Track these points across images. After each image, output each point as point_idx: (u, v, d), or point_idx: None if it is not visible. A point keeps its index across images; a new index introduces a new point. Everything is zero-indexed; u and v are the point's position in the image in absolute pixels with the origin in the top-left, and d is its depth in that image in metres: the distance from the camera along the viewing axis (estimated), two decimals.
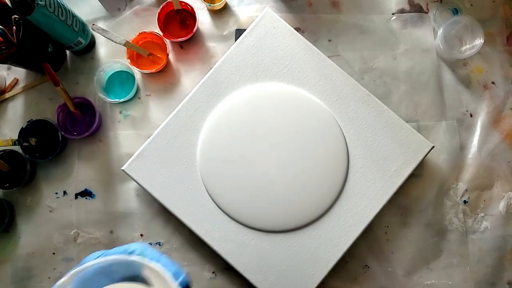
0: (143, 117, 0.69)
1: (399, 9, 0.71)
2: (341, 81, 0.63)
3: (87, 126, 0.67)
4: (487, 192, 0.68)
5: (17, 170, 0.66)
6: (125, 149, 0.68)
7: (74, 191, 0.68)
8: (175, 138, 0.63)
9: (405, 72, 0.69)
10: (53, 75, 0.60)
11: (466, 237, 0.66)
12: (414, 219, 0.67)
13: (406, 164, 0.62)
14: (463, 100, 0.69)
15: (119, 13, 0.71)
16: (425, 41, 0.70)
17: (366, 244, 0.66)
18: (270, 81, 0.64)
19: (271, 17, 0.64)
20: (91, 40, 0.69)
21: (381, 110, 0.63)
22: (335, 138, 0.62)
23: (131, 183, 0.68)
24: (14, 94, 0.70)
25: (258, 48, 0.64)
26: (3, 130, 0.70)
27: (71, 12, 0.63)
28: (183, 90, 0.69)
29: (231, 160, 0.62)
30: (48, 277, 0.67)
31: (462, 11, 0.70)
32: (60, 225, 0.67)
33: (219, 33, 0.71)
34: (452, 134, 0.68)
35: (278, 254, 0.61)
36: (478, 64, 0.70)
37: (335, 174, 0.62)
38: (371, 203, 0.61)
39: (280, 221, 0.61)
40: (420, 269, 0.66)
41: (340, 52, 0.70)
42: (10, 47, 0.59)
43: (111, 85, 0.70)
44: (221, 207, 0.61)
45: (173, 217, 0.63)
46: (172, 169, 0.62)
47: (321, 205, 0.61)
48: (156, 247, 0.66)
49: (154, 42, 0.68)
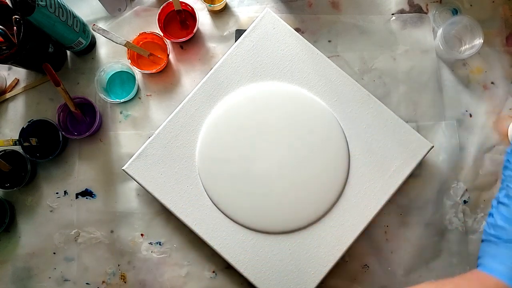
0: (143, 117, 0.69)
1: (399, 10, 0.71)
2: (341, 81, 0.64)
3: (88, 126, 0.67)
4: (487, 192, 0.68)
5: (18, 170, 0.66)
6: (125, 149, 0.68)
7: (74, 191, 0.68)
8: (176, 138, 0.63)
9: (404, 72, 0.69)
10: (53, 75, 0.60)
11: (466, 237, 0.67)
12: (414, 219, 0.67)
13: (405, 164, 0.62)
14: (463, 100, 0.69)
15: (120, 13, 0.71)
16: (425, 42, 0.70)
17: (366, 243, 0.66)
18: (270, 81, 0.64)
19: (271, 17, 0.64)
20: (91, 40, 0.69)
21: (380, 110, 0.63)
22: (336, 138, 0.62)
23: (131, 183, 0.68)
24: (14, 94, 0.70)
25: (258, 49, 0.64)
26: (4, 130, 0.70)
27: (71, 12, 0.63)
28: (184, 90, 0.70)
29: (231, 160, 0.62)
30: (48, 277, 0.67)
31: (462, 12, 0.71)
32: (61, 225, 0.67)
33: (219, 33, 0.71)
34: (451, 134, 0.68)
35: (278, 254, 0.61)
36: (477, 64, 0.70)
37: (335, 174, 0.62)
38: (371, 203, 0.62)
39: (280, 223, 0.61)
40: (419, 269, 0.66)
41: (340, 52, 0.70)
42: (10, 48, 0.59)
43: (112, 85, 0.70)
44: (221, 208, 0.61)
45: (174, 217, 0.63)
46: (173, 169, 0.62)
47: (322, 206, 0.61)
48: (157, 246, 0.67)
49: (154, 42, 0.69)
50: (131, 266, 0.67)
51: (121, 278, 0.67)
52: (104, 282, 0.67)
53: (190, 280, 0.66)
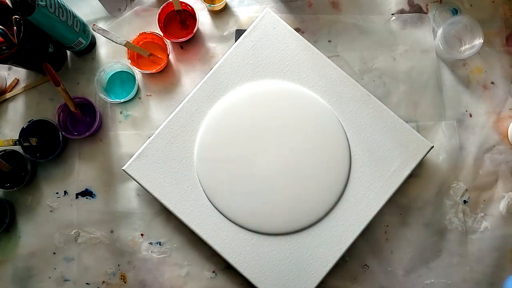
0: (143, 117, 0.69)
1: (399, 10, 0.71)
2: (341, 81, 0.64)
3: (88, 126, 0.67)
4: (487, 192, 0.68)
5: (18, 170, 0.66)
6: (125, 149, 0.68)
7: (74, 191, 0.68)
8: (176, 138, 0.63)
9: (404, 72, 0.69)
10: (53, 75, 0.60)
11: (466, 237, 0.67)
12: (414, 219, 0.67)
13: (405, 164, 0.62)
14: (463, 100, 0.69)
15: (120, 13, 0.71)
16: (425, 42, 0.70)
17: (366, 243, 0.66)
18: (270, 80, 0.64)
19: (271, 17, 0.64)
20: (91, 40, 0.69)
21: (380, 110, 0.63)
22: (337, 137, 0.62)
23: (131, 183, 0.68)
24: (14, 94, 0.70)
25: (258, 49, 0.64)
26: (4, 130, 0.70)
27: (71, 12, 0.63)
28: (184, 90, 0.70)
29: (230, 161, 0.62)
30: (48, 277, 0.67)
31: (462, 12, 0.71)
32: (61, 225, 0.67)
33: (219, 33, 0.71)
34: (451, 134, 0.68)
35: (278, 254, 0.61)
36: (477, 64, 0.70)
37: (336, 175, 0.62)
38: (371, 203, 0.62)
39: (280, 225, 0.61)
40: (419, 269, 0.66)
41: (340, 52, 0.70)
42: (10, 48, 0.59)
43: (112, 85, 0.70)
44: (220, 210, 0.61)
45: (173, 217, 0.63)
46: (173, 169, 0.62)
47: (323, 207, 0.61)
48: (157, 246, 0.67)
49: (154, 42, 0.69)
50: (131, 266, 0.67)
51: (121, 278, 0.67)
52: (104, 282, 0.67)
53: (190, 280, 0.66)
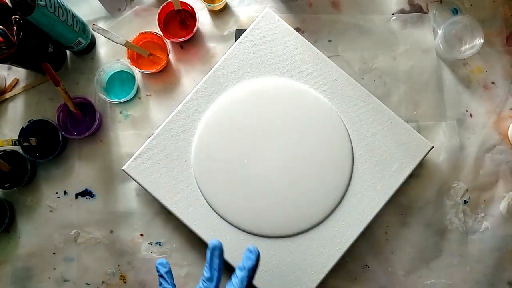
0: (143, 117, 0.69)
1: (399, 9, 0.71)
2: (341, 81, 0.63)
3: (88, 126, 0.67)
4: (488, 192, 0.67)
5: (18, 170, 0.66)
6: (125, 149, 0.68)
7: (74, 191, 0.68)
8: (176, 138, 0.63)
9: (405, 72, 0.69)
10: (53, 75, 0.60)
11: (466, 237, 0.66)
12: (414, 219, 0.67)
13: (406, 164, 0.62)
14: (463, 100, 0.69)
15: (119, 13, 0.71)
16: (425, 41, 0.70)
17: (366, 244, 0.66)
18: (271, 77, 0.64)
19: (271, 17, 0.64)
20: (91, 40, 0.69)
21: (381, 110, 0.63)
22: (340, 137, 0.62)
23: (131, 183, 0.68)
24: (14, 94, 0.70)
25: (258, 49, 0.64)
26: (4, 130, 0.70)
27: (71, 12, 0.63)
28: (183, 90, 0.69)
29: (229, 161, 0.62)
30: (48, 277, 0.67)
31: (462, 11, 0.70)
32: (61, 225, 0.67)
33: (219, 33, 0.71)
34: (452, 134, 0.68)
35: (278, 254, 0.61)
36: (478, 64, 0.70)
37: (338, 175, 0.61)
38: (371, 203, 0.61)
39: (280, 227, 0.60)
40: (420, 269, 0.66)
41: (340, 52, 0.70)
42: (10, 47, 0.59)
43: (112, 85, 0.70)
44: (219, 213, 0.61)
45: (173, 217, 0.63)
46: (173, 169, 0.62)
47: (324, 210, 0.61)
48: (156, 246, 0.67)
49: (154, 42, 0.68)
50: (131, 266, 0.67)
51: (121, 278, 0.66)
52: (104, 282, 0.67)
53: (190, 280, 0.66)
